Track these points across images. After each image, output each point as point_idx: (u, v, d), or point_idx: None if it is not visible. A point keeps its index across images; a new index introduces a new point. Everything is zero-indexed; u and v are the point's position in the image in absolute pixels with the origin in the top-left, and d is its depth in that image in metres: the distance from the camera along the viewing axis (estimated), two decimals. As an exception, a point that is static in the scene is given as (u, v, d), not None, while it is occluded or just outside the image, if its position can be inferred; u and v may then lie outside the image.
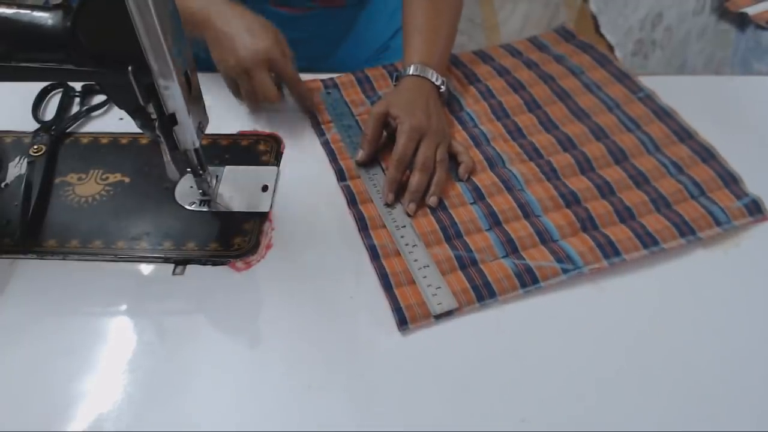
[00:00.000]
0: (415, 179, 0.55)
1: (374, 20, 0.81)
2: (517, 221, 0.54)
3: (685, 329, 0.47)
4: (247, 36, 0.57)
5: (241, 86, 0.61)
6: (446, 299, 0.48)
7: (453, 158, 0.60)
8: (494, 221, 0.54)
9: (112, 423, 0.42)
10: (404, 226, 0.54)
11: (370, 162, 0.60)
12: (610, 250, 0.51)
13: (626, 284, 0.50)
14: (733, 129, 0.63)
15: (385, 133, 0.61)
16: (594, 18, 1.25)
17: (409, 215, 0.54)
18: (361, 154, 0.59)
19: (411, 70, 0.62)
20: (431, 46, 0.64)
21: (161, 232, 0.54)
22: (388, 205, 0.56)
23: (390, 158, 0.56)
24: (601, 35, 1.24)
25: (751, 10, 1.09)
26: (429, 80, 0.62)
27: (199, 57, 0.61)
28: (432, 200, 0.55)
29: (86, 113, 0.66)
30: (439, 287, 0.49)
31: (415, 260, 0.51)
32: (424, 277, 0.50)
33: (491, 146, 0.61)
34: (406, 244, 0.52)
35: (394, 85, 0.65)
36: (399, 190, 0.56)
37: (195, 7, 0.59)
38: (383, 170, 0.59)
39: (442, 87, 0.62)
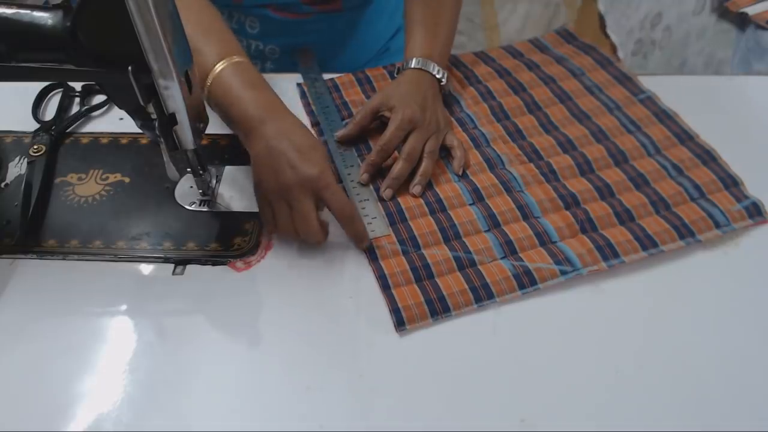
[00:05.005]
0: (397, 167, 0.56)
1: (374, 22, 0.81)
2: (516, 223, 0.54)
3: (685, 330, 0.47)
4: (296, 156, 0.48)
5: (278, 214, 0.50)
6: (379, 227, 0.53)
7: (447, 152, 0.61)
8: (493, 222, 0.54)
9: (112, 423, 0.42)
10: (352, 166, 0.59)
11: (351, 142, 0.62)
12: (609, 252, 0.51)
13: (625, 285, 0.50)
14: (733, 129, 0.63)
15: (380, 121, 0.62)
16: (601, 18, 1.25)
17: (384, 200, 0.56)
18: (342, 132, 0.61)
19: (413, 63, 0.63)
20: (433, 40, 0.64)
21: (161, 232, 0.54)
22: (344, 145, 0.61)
23: (376, 144, 0.58)
24: (607, 35, 1.24)
25: (751, 10, 1.09)
26: (430, 73, 0.62)
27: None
28: (416, 189, 0.57)
29: (86, 113, 0.66)
30: (375, 217, 0.54)
31: (357, 194, 0.56)
32: (363, 208, 0.55)
33: (491, 147, 0.61)
34: (351, 180, 0.58)
35: (395, 77, 0.65)
36: (376, 174, 0.58)
37: (251, 100, 0.51)
38: (358, 155, 0.61)
39: (443, 80, 0.63)
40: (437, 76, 0.63)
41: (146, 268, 0.52)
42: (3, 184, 0.58)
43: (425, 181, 0.57)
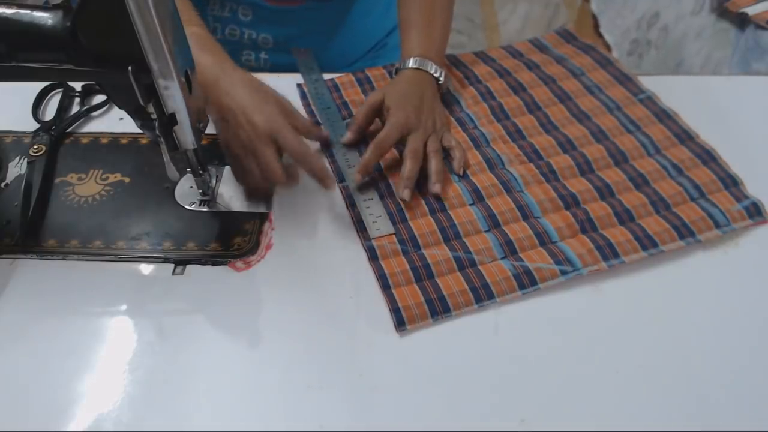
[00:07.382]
0: (407, 167, 0.56)
1: (368, 14, 0.81)
2: (516, 223, 0.54)
3: (685, 330, 0.47)
4: (247, 111, 0.53)
5: (247, 169, 0.54)
6: (384, 226, 0.53)
7: (447, 152, 0.60)
8: (493, 222, 0.54)
9: (112, 423, 0.42)
10: (355, 166, 0.58)
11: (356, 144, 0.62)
12: (609, 252, 0.51)
13: (625, 285, 0.50)
14: (732, 129, 0.63)
15: (378, 122, 0.62)
16: (594, 18, 1.25)
17: (384, 198, 0.56)
18: (347, 136, 0.61)
19: (410, 63, 0.63)
20: (429, 39, 0.64)
21: (161, 232, 0.54)
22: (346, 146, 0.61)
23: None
24: (600, 35, 1.24)
25: (751, 10, 1.09)
26: (428, 73, 0.62)
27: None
28: (436, 187, 0.56)
29: (86, 113, 0.66)
30: (380, 216, 0.54)
31: (361, 192, 0.57)
32: (368, 207, 0.55)
33: (491, 147, 0.61)
34: (354, 180, 0.58)
35: (393, 77, 0.65)
36: (370, 174, 0.58)
37: (205, 65, 0.55)
38: (360, 155, 0.60)
39: (441, 79, 0.63)
40: (435, 75, 0.63)
41: (146, 268, 0.52)
42: (3, 184, 0.58)
43: (443, 178, 0.57)
